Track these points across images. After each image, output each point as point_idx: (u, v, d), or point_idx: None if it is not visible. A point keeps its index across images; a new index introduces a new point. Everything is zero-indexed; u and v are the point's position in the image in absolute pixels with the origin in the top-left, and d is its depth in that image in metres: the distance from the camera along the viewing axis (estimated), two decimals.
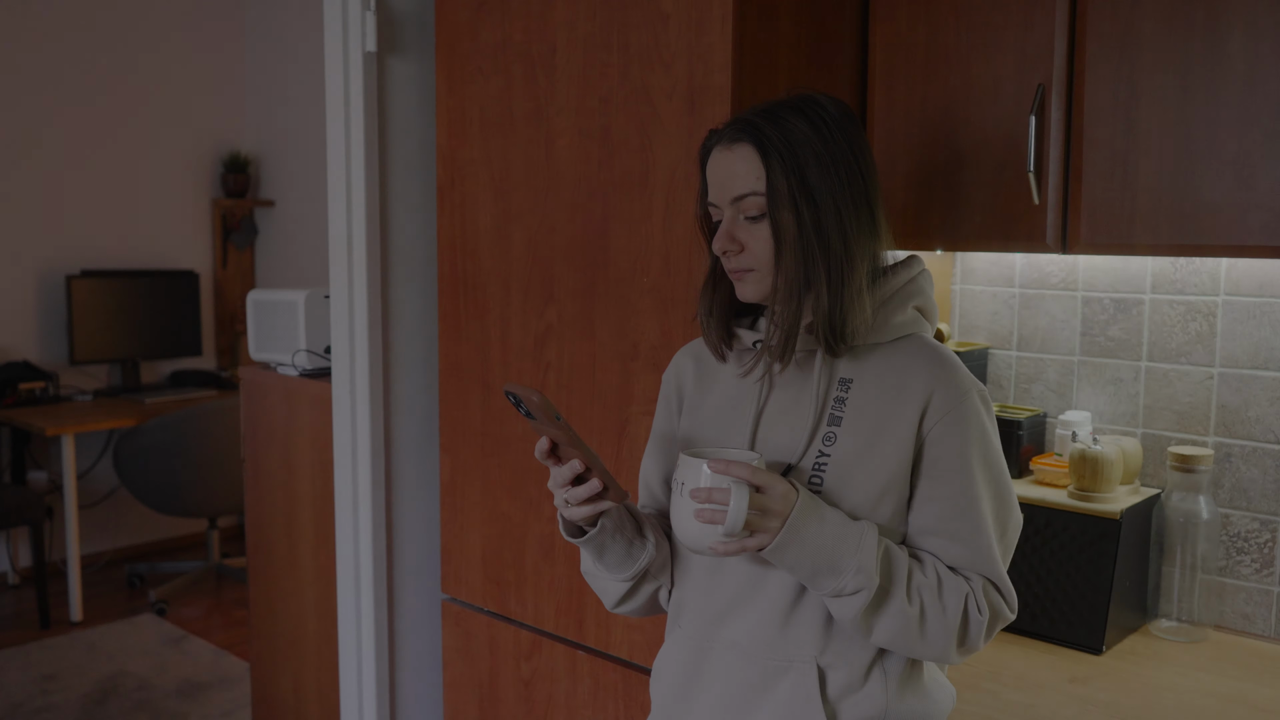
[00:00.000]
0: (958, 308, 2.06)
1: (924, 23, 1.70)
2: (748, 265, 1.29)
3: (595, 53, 1.72)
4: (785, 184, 1.25)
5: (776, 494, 1.20)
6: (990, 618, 1.27)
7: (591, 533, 1.30)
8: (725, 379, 1.39)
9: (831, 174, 1.26)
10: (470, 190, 1.96)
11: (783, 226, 1.26)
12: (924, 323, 1.37)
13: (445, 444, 2.06)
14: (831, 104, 1.30)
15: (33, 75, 4.72)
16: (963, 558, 1.28)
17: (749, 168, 1.27)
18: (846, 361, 1.32)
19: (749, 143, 1.27)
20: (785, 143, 1.26)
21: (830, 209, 1.26)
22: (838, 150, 1.27)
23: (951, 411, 1.27)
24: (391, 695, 2.28)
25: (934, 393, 1.28)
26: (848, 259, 1.27)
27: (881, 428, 1.28)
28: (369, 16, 2.11)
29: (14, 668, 3.78)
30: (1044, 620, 1.73)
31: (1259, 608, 1.75)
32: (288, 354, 2.82)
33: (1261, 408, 1.73)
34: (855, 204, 1.28)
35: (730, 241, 1.29)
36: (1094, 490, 1.72)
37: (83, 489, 4.80)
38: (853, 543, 1.22)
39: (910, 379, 1.29)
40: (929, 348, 1.32)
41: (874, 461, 1.28)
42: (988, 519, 1.28)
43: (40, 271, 4.78)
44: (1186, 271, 1.79)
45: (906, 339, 1.33)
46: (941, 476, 1.28)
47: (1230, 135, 1.43)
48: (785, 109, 1.29)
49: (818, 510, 1.22)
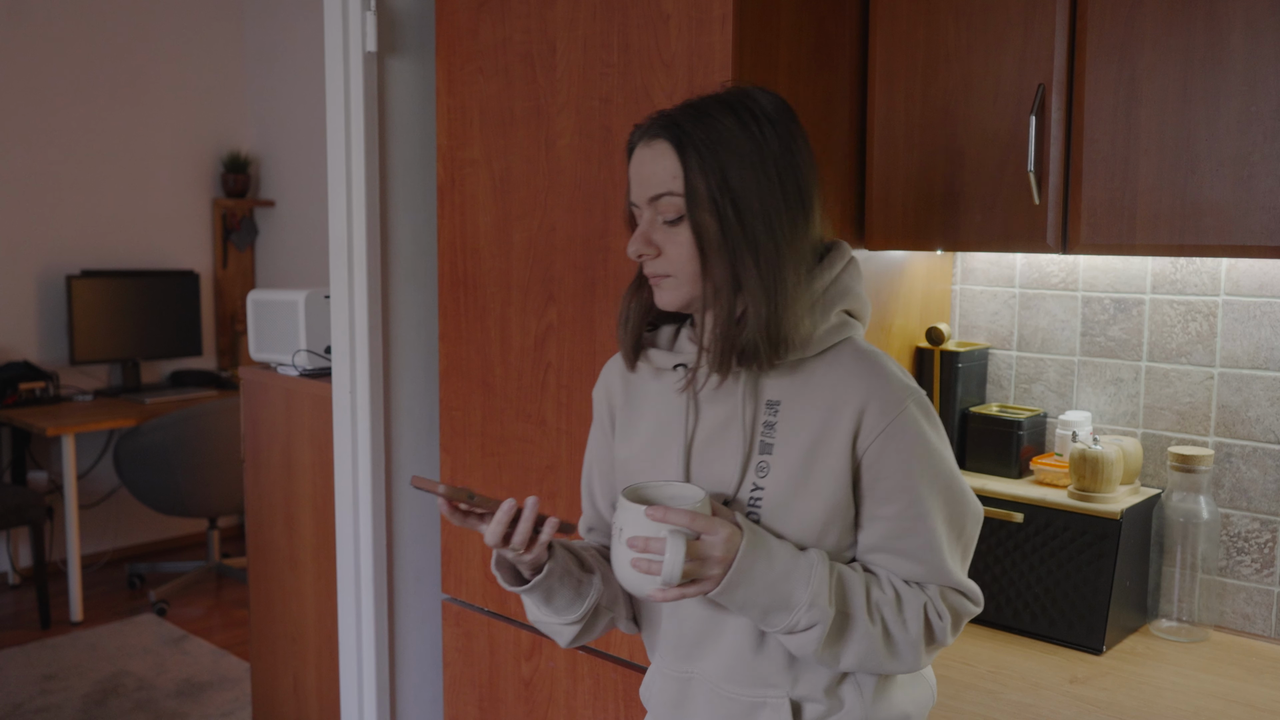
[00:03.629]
0: (958, 308, 2.06)
1: (924, 23, 1.70)
2: (664, 270, 1.22)
3: (595, 53, 1.72)
4: (704, 184, 1.17)
5: (718, 539, 1.15)
6: (953, 619, 1.24)
7: (537, 579, 1.25)
8: (654, 398, 1.33)
9: (759, 173, 1.19)
10: (470, 190, 1.96)
11: (703, 229, 1.18)
12: (853, 325, 1.28)
13: (445, 444, 2.06)
14: (767, 99, 1.23)
15: (33, 75, 4.72)
16: (916, 573, 1.23)
17: (666, 166, 1.19)
18: (773, 381, 1.25)
19: (666, 140, 1.20)
20: (706, 140, 1.18)
21: (757, 210, 1.18)
22: (768, 148, 1.19)
23: (887, 427, 1.20)
24: (391, 695, 2.28)
25: (866, 408, 1.21)
26: (779, 263, 1.19)
27: (815, 453, 1.22)
28: (369, 16, 2.11)
29: (14, 668, 3.78)
30: (1044, 620, 1.73)
31: (1259, 608, 1.75)
32: (288, 354, 2.82)
33: (1261, 408, 1.73)
34: (788, 204, 1.20)
35: (646, 245, 1.22)
36: (1094, 490, 1.72)
37: (83, 489, 4.80)
38: (802, 577, 1.17)
39: (840, 396, 1.22)
40: (858, 357, 1.24)
41: (811, 491, 1.22)
42: (939, 531, 1.22)
43: (40, 271, 4.78)
44: (1186, 271, 1.79)
45: (837, 348, 1.25)
46: (886, 496, 1.22)
47: (1230, 135, 1.43)
48: (713, 104, 1.22)
49: (765, 549, 1.17)
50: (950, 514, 1.24)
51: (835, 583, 1.19)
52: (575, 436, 1.81)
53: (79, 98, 4.87)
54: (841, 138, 1.77)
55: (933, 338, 1.94)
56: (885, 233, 1.77)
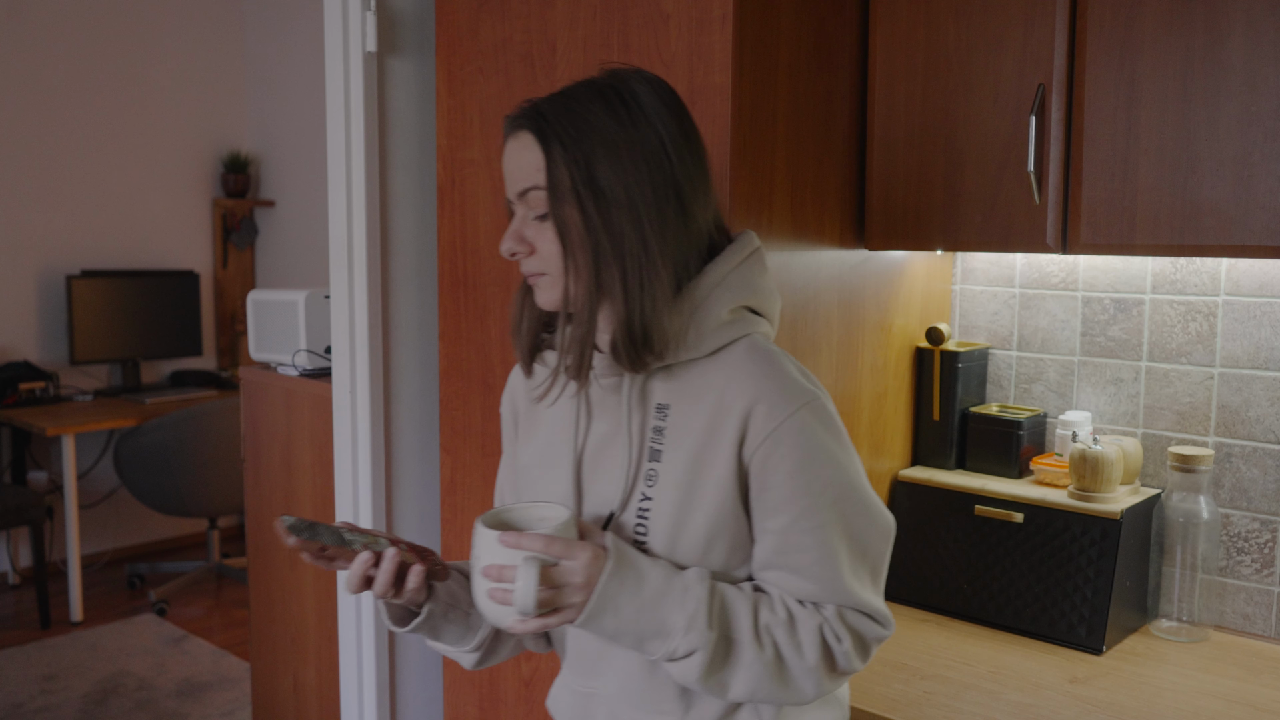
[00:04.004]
0: (958, 308, 2.06)
1: (924, 23, 1.70)
2: (538, 269, 1.16)
3: (595, 53, 1.72)
4: (568, 176, 1.10)
5: (578, 565, 1.08)
6: (854, 641, 1.14)
7: (417, 620, 1.20)
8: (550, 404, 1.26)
9: (628, 164, 1.11)
10: (470, 190, 1.96)
11: (566, 224, 1.11)
12: (753, 322, 1.19)
13: (445, 444, 2.06)
14: (644, 84, 1.15)
15: (33, 75, 4.72)
16: (811, 592, 1.14)
17: (530, 159, 1.13)
18: (662, 383, 1.17)
19: (529, 131, 1.13)
20: (571, 130, 1.11)
21: (623, 204, 1.10)
22: (641, 137, 1.12)
23: (774, 431, 1.11)
24: (391, 695, 2.28)
25: (753, 412, 1.12)
26: (647, 260, 1.11)
27: (701, 460, 1.14)
28: (369, 16, 2.11)
29: (14, 668, 3.78)
30: (1044, 620, 1.73)
31: (1259, 608, 1.75)
32: (288, 354, 2.82)
33: (1261, 408, 1.73)
34: (659, 198, 1.12)
35: (518, 242, 1.16)
36: (1094, 490, 1.72)
37: (83, 489, 4.80)
38: (677, 600, 1.09)
39: (727, 397, 1.13)
40: (751, 356, 1.16)
41: (698, 500, 1.14)
42: (835, 547, 1.13)
43: (40, 271, 4.78)
44: (1186, 271, 1.79)
45: (730, 348, 1.16)
46: (775, 507, 1.13)
47: (1230, 135, 1.43)
48: (584, 92, 1.14)
49: (634, 572, 1.10)
50: (850, 528, 1.15)
51: (717, 605, 1.11)
52: None
53: (79, 98, 4.87)
54: (841, 138, 1.77)
55: (933, 338, 1.94)
56: (885, 233, 1.77)
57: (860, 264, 1.82)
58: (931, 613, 1.85)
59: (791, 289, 1.69)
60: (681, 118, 1.16)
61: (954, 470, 1.94)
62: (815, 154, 1.72)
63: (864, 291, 1.83)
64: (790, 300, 1.68)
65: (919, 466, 1.97)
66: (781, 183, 1.66)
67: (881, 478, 1.93)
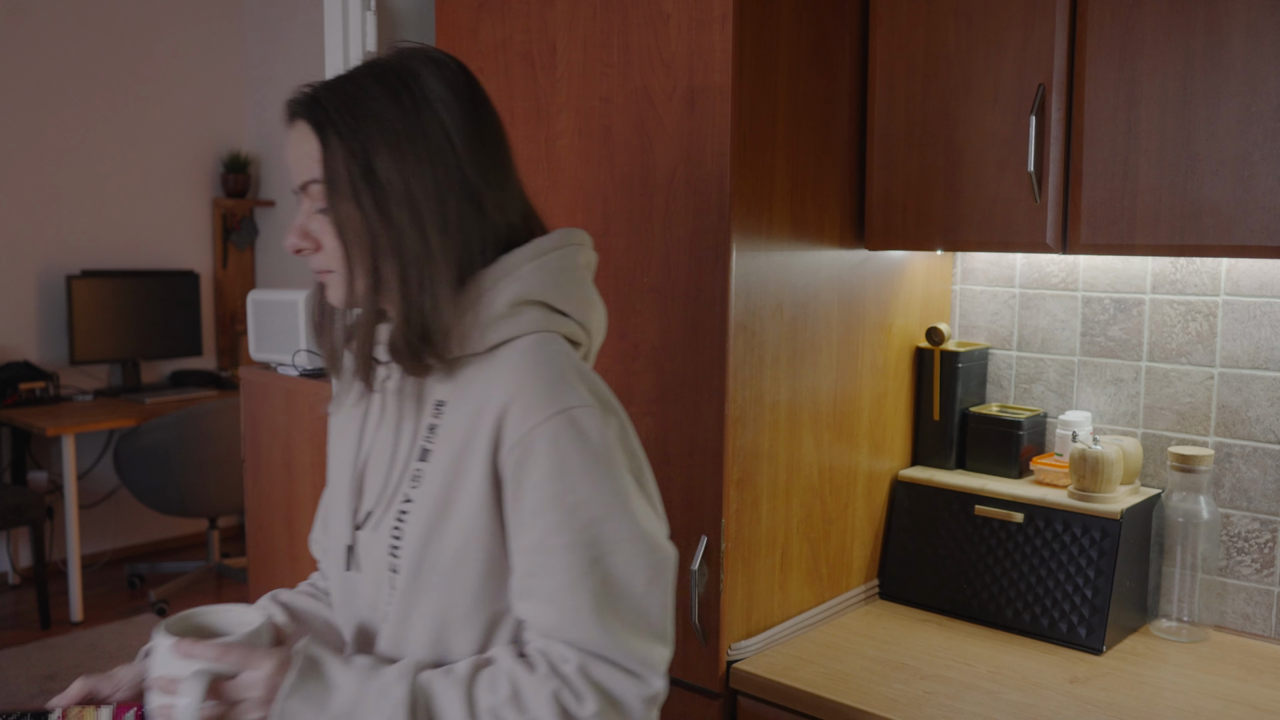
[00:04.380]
0: (958, 308, 2.06)
1: (924, 23, 1.70)
2: (325, 266, 1.09)
3: (595, 53, 1.72)
4: (344, 168, 1.04)
5: (259, 677, 0.99)
6: (603, 702, 1.00)
7: None
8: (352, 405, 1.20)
9: (409, 155, 1.04)
10: None
11: (344, 219, 1.05)
12: (547, 320, 1.10)
13: None
14: (430, 66, 1.08)
15: (33, 75, 4.72)
16: (554, 625, 1.03)
17: (308, 150, 1.06)
18: (443, 378, 1.09)
19: (306, 120, 1.06)
20: (349, 118, 1.04)
21: (403, 198, 1.04)
22: (423, 125, 1.05)
23: (526, 436, 1.02)
24: None
25: (507, 413, 1.03)
26: (428, 258, 1.04)
27: (460, 464, 1.06)
28: (369, 16, 2.11)
29: (14, 668, 3.78)
30: (1044, 620, 1.73)
31: (1259, 608, 1.75)
32: (288, 354, 2.82)
33: (1261, 408, 1.73)
34: (442, 191, 1.05)
35: (302, 238, 1.09)
36: (1094, 490, 1.72)
37: (83, 489, 4.80)
38: (372, 706, 1.00)
39: (488, 397, 1.05)
40: (526, 354, 1.07)
41: (453, 509, 1.05)
42: (582, 574, 1.02)
43: (40, 271, 4.78)
44: (1186, 271, 1.79)
45: (512, 344, 1.08)
46: (524, 522, 1.03)
47: (1230, 135, 1.43)
48: (365, 75, 1.07)
49: (321, 683, 1.00)
50: (604, 557, 1.03)
51: (421, 704, 1.01)
52: None
53: (79, 98, 4.87)
54: (841, 138, 1.77)
55: (933, 338, 1.94)
56: (885, 233, 1.77)
57: (860, 264, 1.82)
58: (931, 613, 1.85)
59: (791, 289, 1.69)
60: (473, 103, 1.09)
61: (954, 470, 1.94)
62: (815, 154, 1.72)
63: (864, 291, 1.83)
64: (790, 300, 1.68)
65: (919, 466, 1.97)
66: (781, 183, 1.66)
67: (881, 478, 1.93)
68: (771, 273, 1.64)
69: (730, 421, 1.59)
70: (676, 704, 1.68)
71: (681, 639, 1.66)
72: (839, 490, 1.83)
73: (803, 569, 1.77)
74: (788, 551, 1.73)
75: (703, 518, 1.62)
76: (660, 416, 1.67)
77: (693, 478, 1.63)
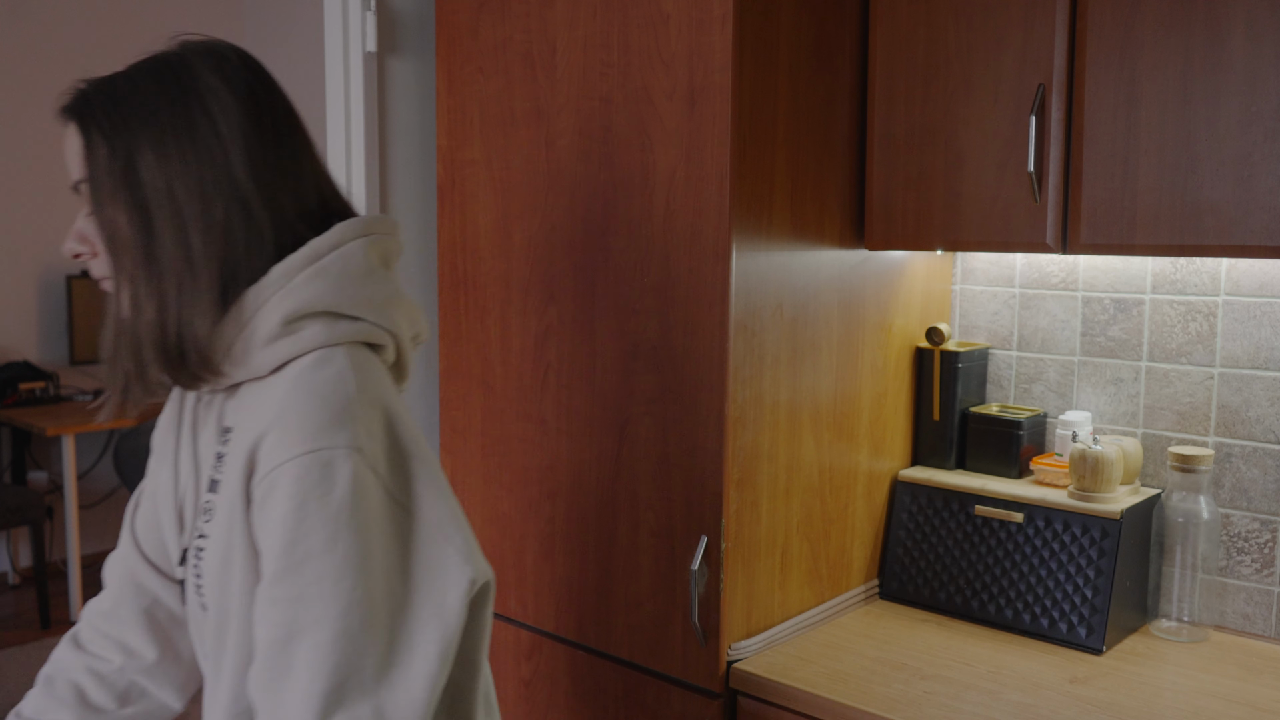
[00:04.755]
0: (958, 308, 2.06)
1: (924, 23, 1.70)
2: (104, 272, 1.03)
3: (595, 53, 1.72)
4: (105, 168, 0.97)
5: None
6: None
7: None
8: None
9: (174, 154, 0.97)
10: (470, 190, 1.96)
11: (105, 224, 0.98)
12: (323, 331, 0.99)
13: (445, 444, 2.06)
14: (208, 59, 1.03)
15: (33, 75, 4.72)
16: (253, 687, 0.94)
17: (75, 150, 1.00)
18: (231, 402, 1.02)
19: (72, 119, 1.00)
20: (115, 116, 0.98)
21: (163, 199, 0.97)
22: (191, 123, 0.98)
23: (271, 473, 0.93)
24: None
25: (260, 445, 0.95)
26: (188, 268, 0.97)
27: (235, 494, 0.98)
28: (369, 16, 2.11)
29: (14, 668, 3.78)
30: (1044, 620, 1.73)
31: (1259, 608, 1.75)
32: None
33: (1261, 408, 1.73)
34: (209, 195, 0.98)
35: (80, 241, 1.03)
36: (1094, 490, 1.72)
37: (83, 489, 4.80)
38: None
39: (254, 423, 0.97)
40: (300, 377, 0.97)
41: (235, 543, 0.97)
42: (280, 636, 0.91)
43: (40, 271, 4.78)
44: (1186, 271, 1.79)
45: (295, 363, 0.99)
46: (263, 573, 0.94)
47: (1230, 135, 1.43)
48: (139, 70, 1.02)
49: None
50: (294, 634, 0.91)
51: None
52: (575, 436, 1.81)
53: None
54: (841, 138, 1.77)
55: (933, 338, 1.94)
56: (885, 233, 1.77)
57: (860, 264, 1.82)
58: (931, 613, 1.85)
59: (791, 289, 1.69)
60: (253, 99, 1.03)
61: (954, 470, 1.94)
62: (815, 154, 1.72)
63: (864, 291, 1.84)
64: (790, 300, 1.69)
65: (919, 466, 1.97)
66: (781, 183, 1.66)
67: (881, 478, 1.93)
68: (771, 273, 1.64)
69: (730, 421, 1.59)
70: (676, 704, 1.68)
71: (682, 639, 1.67)
72: (839, 490, 1.83)
73: (803, 569, 1.77)
74: (788, 551, 1.73)
75: (703, 518, 1.62)
76: (660, 416, 1.67)
77: (693, 478, 1.63)
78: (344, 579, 0.91)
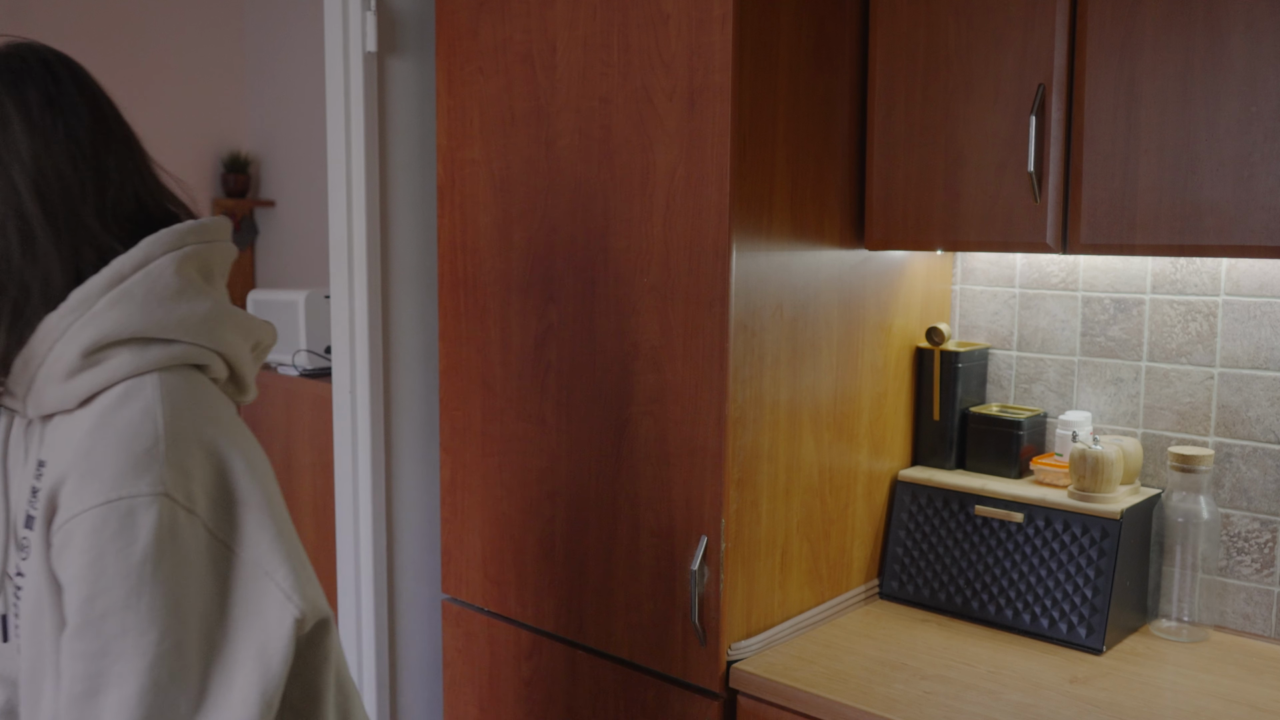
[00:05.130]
0: (958, 308, 2.06)
1: (924, 23, 1.70)
2: None
3: (595, 53, 1.72)
4: None
5: None
6: None
7: None
8: None
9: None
10: (470, 190, 1.96)
11: None
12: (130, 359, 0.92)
13: (445, 444, 2.06)
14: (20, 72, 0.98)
15: None
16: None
17: None
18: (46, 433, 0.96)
19: None
20: None
21: None
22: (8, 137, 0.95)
23: (69, 522, 0.87)
24: (392, 695, 2.28)
25: (60, 490, 0.89)
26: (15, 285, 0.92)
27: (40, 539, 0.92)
28: (369, 16, 2.11)
29: None
30: (1044, 620, 1.73)
31: (1259, 608, 1.75)
32: (288, 354, 2.82)
33: (1261, 408, 1.73)
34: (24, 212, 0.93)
35: None
36: (1094, 490, 1.72)
37: None
38: None
39: (58, 465, 0.90)
40: (102, 417, 0.90)
41: (40, 590, 0.92)
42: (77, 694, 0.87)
43: None
44: (1186, 271, 1.79)
45: (99, 397, 0.92)
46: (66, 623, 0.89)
47: (1230, 135, 1.43)
48: None
49: None
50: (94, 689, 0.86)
51: None
52: (575, 436, 1.81)
53: None
54: (841, 137, 1.77)
55: (933, 338, 1.94)
56: (885, 233, 1.77)
57: (860, 264, 1.82)
58: (931, 613, 1.85)
59: (792, 289, 1.69)
60: (48, 106, 0.97)
61: (954, 470, 1.94)
62: (815, 154, 1.72)
63: (864, 291, 1.84)
64: (790, 300, 1.69)
65: (919, 466, 1.97)
66: (781, 183, 1.66)
67: (881, 478, 1.93)
68: (771, 273, 1.65)
69: (730, 421, 1.59)
70: (676, 704, 1.68)
71: (682, 639, 1.67)
72: (839, 490, 1.83)
73: (803, 569, 1.77)
74: (788, 551, 1.73)
75: (703, 518, 1.62)
76: (660, 416, 1.67)
77: (693, 478, 1.63)
78: (149, 631, 0.87)
